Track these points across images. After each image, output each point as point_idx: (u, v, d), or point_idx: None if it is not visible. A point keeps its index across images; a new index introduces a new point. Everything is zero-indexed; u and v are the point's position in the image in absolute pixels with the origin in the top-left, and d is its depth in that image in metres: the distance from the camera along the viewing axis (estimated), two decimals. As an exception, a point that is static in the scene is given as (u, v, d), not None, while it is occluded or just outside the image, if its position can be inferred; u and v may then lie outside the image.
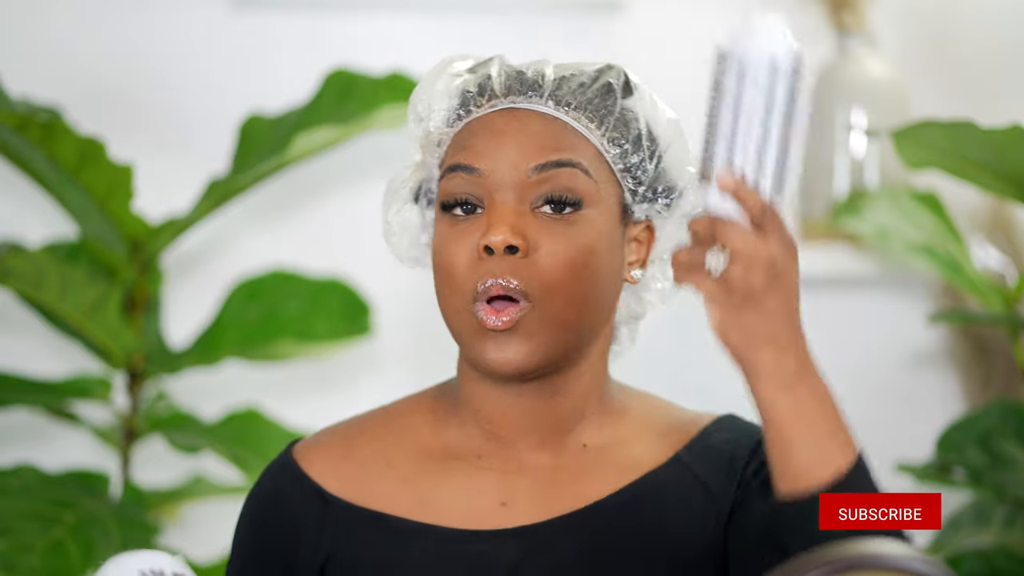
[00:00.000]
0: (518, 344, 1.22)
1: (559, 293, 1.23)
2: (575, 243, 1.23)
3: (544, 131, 1.25)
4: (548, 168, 1.24)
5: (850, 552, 1.67)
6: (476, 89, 1.27)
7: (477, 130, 1.26)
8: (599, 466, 1.29)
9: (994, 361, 2.52)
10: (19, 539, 1.90)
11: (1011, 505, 2.13)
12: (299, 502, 1.29)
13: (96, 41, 2.51)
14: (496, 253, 1.21)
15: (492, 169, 1.23)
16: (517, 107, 1.26)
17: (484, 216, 1.23)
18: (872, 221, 2.31)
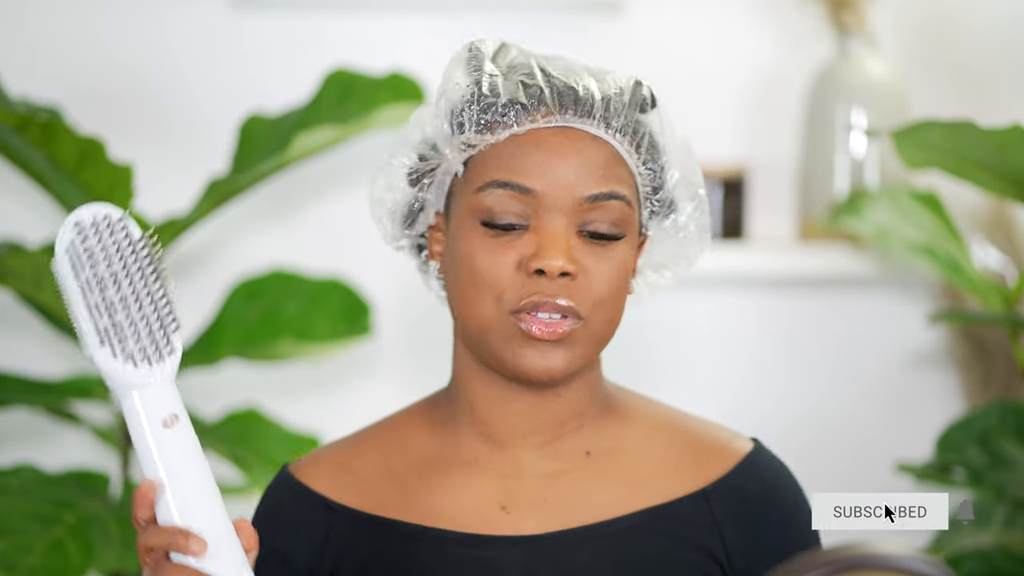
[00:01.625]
0: (562, 354, 1.25)
1: (603, 311, 1.26)
2: (615, 266, 1.26)
3: (597, 157, 1.25)
4: (601, 199, 1.25)
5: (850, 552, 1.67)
6: (528, 99, 1.25)
7: (528, 147, 1.24)
8: (607, 478, 1.29)
9: (994, 361, 2.52)
10: (19, 539, 1.90)
11: (1011, 505, 2.13)
12: (304, 513, 1.30)
13: (96, 41, 2.51)
14: (549, 276, 1.23)
15: (545, 191, 1.24)
16: (570, 126, 1.25)
17: (531, 235, 1.24)
18: (872, 221, 2.31)
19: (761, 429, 2.57)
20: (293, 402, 2.45)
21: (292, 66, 2.50)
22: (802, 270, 2.53)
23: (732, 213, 2.52)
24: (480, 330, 1.25)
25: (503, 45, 1.28)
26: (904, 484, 2.35)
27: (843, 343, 2.62)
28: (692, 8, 2.59)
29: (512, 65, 1.27)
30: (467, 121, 1.25)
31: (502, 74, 1.26)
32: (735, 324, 2.61)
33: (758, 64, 2.61)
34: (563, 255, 1.23)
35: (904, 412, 2.61)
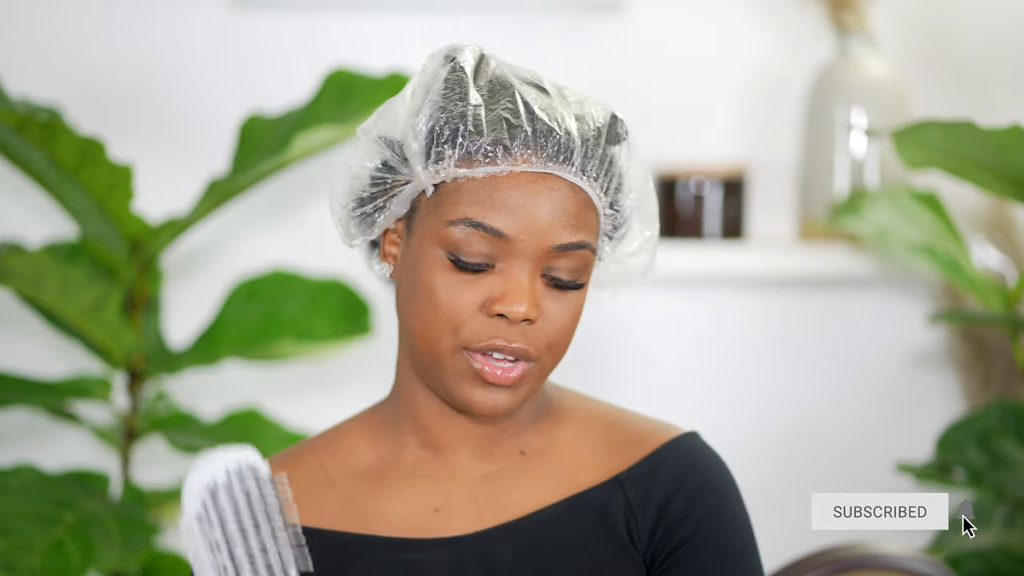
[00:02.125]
0: (509, 395, 1.26)
1: (553, 351, 1.27)
2: (571, 312, 1.26)
3: (572, 206, 1.25)
4: (570, 248, 1.25)
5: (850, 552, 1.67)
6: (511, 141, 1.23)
7: (506, 189, 1.23)
8: (535, 474, 1.31)
9: (994, 361, 2.52)
10: (19, 539, 1.90)
11: (1011, 505, 2.13)
12: None
13: (96, 41, 2.51)
14: (510, 320, 1.23)
15: (517, 237, 1.23)
16: (555, 173, 1.24)
17: (496, 277, 1.24)
18: (872, 221, 2.31)
19: (761, 429, 2.58)
20: (293, 402, 2.45)
21: (292, 66, 2.50)
22: (802, 270, 2.53)
23: (732, 213, 2.52)
24: (432, 359, 1.26)
25: (483, 59, 1.27)
26: (904, 484, 2.35)
27: (843, 343, 2.62)
28: (692, 8, 2.59)
29: (493, 90, 1.25)
30: (446, 153, 1.24)
31: (485, 104, 1.24)
32: (735, 324, 2.61)
33: (758, 64, 2.61)
34: (527, 302, 1.23)
35: (904, 412, 2.61)
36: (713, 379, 2.60)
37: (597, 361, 2.57)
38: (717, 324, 2.61)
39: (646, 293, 2.58)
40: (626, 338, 2.59)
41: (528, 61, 1.37)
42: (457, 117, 1.24)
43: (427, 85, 1.28)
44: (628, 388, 2.54)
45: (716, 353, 2.62)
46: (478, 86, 1.25)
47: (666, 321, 2.60)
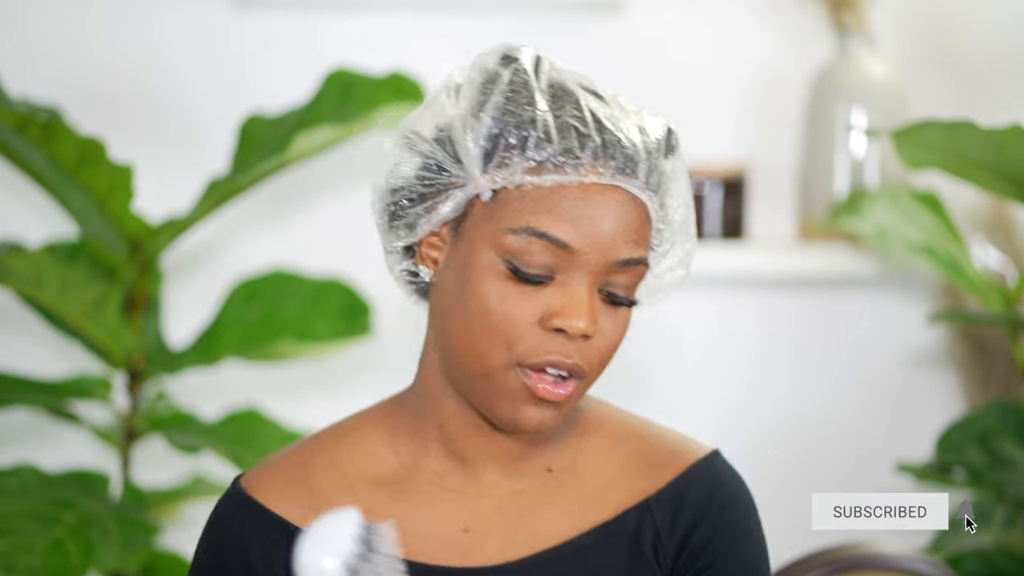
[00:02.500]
0: (556, 412, 1.22)
1: (602, 366, 1.25)
2: (621, 328, 1.25)
3: (635, 220, 1.22)
4: (631, 264, 1.23)
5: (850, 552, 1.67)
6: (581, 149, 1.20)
7: (574, 200, 1.20)
8: (564, 494, 1.28)
9: (994, 361, 2.52)
10: (19, 539, 1.90)
11: (1011, 505, 2.13)
12: (262, 536, 1.27)
13: (96, 41, 2.51)
14: (569, 335, 1.21)
15: (582, 250, 1.20)
16: (622, 186, 1.21)
17: (556, 289, 1.20)
18: (872, 221, 2.31)
19: (761, 429, 2.58)
20: (293, 402, 2.44)
21: (292, 66, 2.50)
22: (802, 270, 2.53)
23: (732, 213, 2.52)
24: (481, 374, 1.22)
25: (540, 61, 1.23)
26: (904, 484, 2.35)
27: (843, 343, 2.62)
28: (692, 8, 2.59)
29: (556, 95, 1.21)
30: (514, 160, 1.20)
31: (552, 112, 1.20)
32: (735, 324, 2.61)
33: (758, 64, 2.61)
34: (588, 318, 1.20)
35: (904, 412, 2.61)
36: (713, 379, 2.60)
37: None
38: (717, 324, 2.61)
39: (646, 293, 2.58)
40: (625, 338, 2.59)
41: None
42: (527, 123, 1.20)
43: (482, 86, 1.22)
44: (627, 388, 2.54)
45: (716, 353, 2.62)
46: (542, 90, 1.21)
47: (666, 321, 2.60)
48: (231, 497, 1.29)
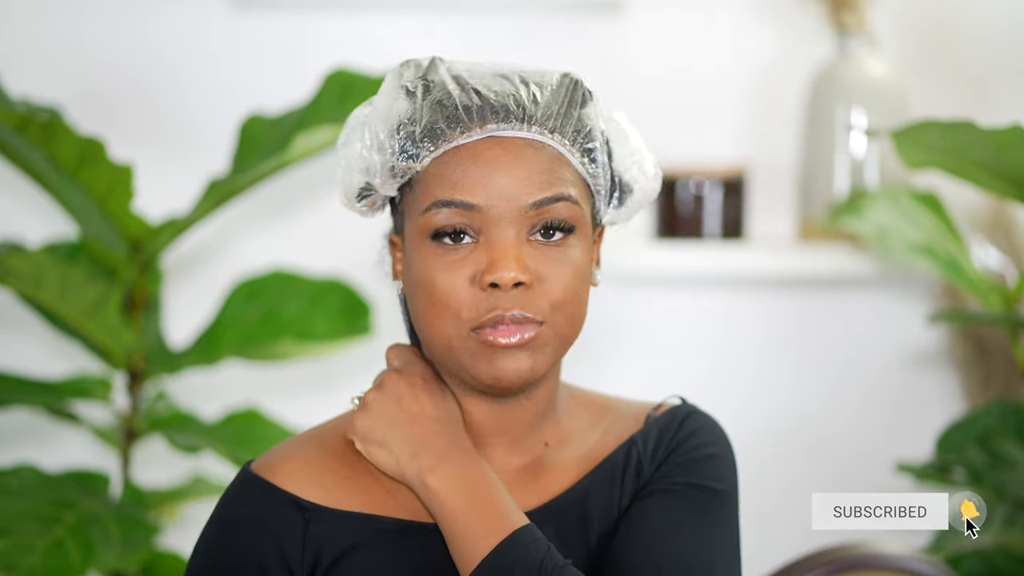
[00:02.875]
0: (529, 356, 1.26)
1: (563, 311, 1.27)
2: (570, 267, 1.27)
3: (537, 163, 1.26)
4: (546, 203, 1.26)
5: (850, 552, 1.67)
6: (445, 120, 1.26)
7: (466, 163, 1.26)
8: (561, 458, 1.35)
9: (994, 361, 2.52)
10: (19, 539, 1.89)
11: (1011, 505, 2.13)
12: (275, 515, 1.29)
13: (96, 41, 2.51)
14: (503, 288, 1.24)
15: (489, 205, 1.25)
16: (503, 135, 1.26)
17: (481, 249, 1.25)
18: (872, 221, 2.31)
19: (761, 429, 2.58)
20: (293, 402, 2.44)
21: (292, 66, 2.50)
22: (802, 270, 2.53)
23: (732, 213, 2.52)
24: (446, 348, 1.27)
25: (431, 63, 1.29)
26: (904, 484, 2.35)
27: (843, 343, 2.62)
28: (692, 8, 2.59)
29: (430, 85, 1.28)
30: (391, 151, 1.27)
31: (420, 96, 1.27)
32: (735, 324, 2.61)
33: (758, 64, 2.61)
34: (515, 265, 1.24)
35: (904, 412, 2.61)
36: (713, 379, 2.60)
37: (595, 361, 2.57)
38: (717, 324, 2.61)
39: (645, 293, 2.58)
40: (624, 338, 2.59)
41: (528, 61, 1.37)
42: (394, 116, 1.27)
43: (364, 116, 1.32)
44: (625, 388, 2.53)
45: (716, 353, 2.62)
46: (417, 84, 1.28)
47: (666, 321, 2.60)
48: (242, 480, 1.32)
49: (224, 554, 1.29)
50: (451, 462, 1.28)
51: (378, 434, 1.30)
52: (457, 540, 1.26)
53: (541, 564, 1.24)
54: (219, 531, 1.31)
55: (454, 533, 1.26)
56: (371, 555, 1.28)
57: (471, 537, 1.25)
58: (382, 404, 1.31)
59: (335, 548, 1.28)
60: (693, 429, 1.36)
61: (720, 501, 1.33)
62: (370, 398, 1.32)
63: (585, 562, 1.31)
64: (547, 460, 1.34)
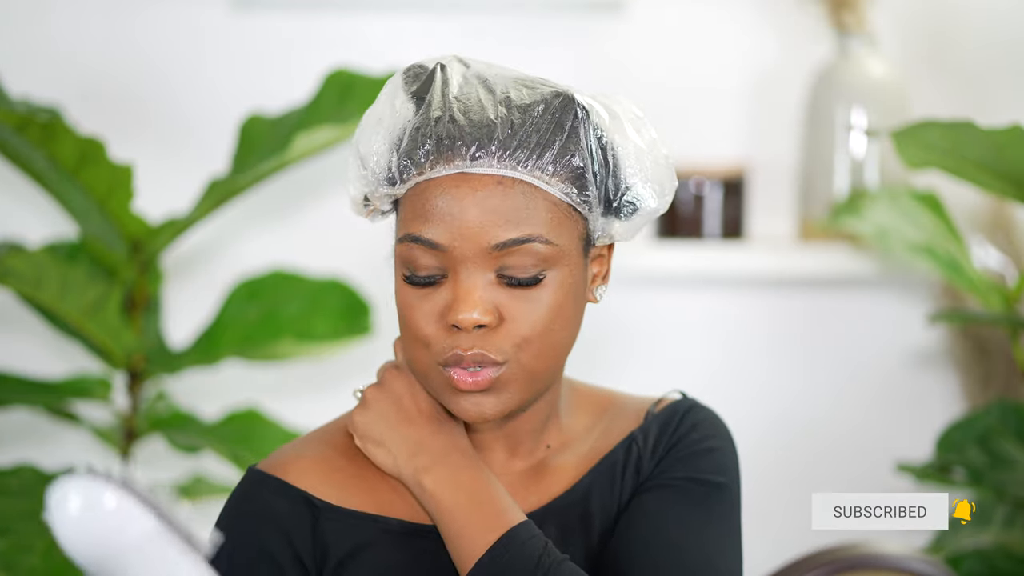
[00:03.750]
0: (493, 400, 1.25)
1: (529, 351, 1.25)
2: (543, 307, 1.24)
3: (502, 204, 1.22)
4: (511, 245, 1.22)
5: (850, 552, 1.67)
6: (423, 152, 1.23)
7: (433, 198, 1.23)
8: (563, 459, 1.35)
9: (994, 361, 2.52)
10: (19, 539, 1.90)
11: (1011, 505, 2.13)
12: (290, 510, 1.29)
13: (96, 41, 2.51)
14: (464, 329, 1.23)
15: (452, 245, 1.22)
16: (473, 171, 1.23)
17: (449, 287, 1.24)
18: (872, 221, 2.31)
19: (761, 429, 2.58)
20: (293, 402, 2.44)
21: (292, 66, 2.50)
22: (802, 270, 2.53)
23: (732, 213, 2.52)
24: (421, 376, 1.28)
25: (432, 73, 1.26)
26: (904, 484, 2.35)
27: (843, 343, 2.62)
28: (692, 8, 2.59)
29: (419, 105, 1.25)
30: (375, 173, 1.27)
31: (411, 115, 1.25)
32: (735, 324, 2.61)
33: (758, 64, 2.61)
34: (476, 308, 1.22)
35: (904, 412, 2.61)
36: (712, 379, 2.60)
37: (594, 360, 2.57)
38: (717, 324, 2.61)
39: (645, 293, 2.58)
40: (624, 337, 2.59)
41: (528, 61, 1.37)
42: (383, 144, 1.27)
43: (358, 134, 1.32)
44: (624, 388, 2.53)
45: (716, 353, 2.62)
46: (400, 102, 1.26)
47: (665, 321, 2.60)
48: (251, 480, 1.31)
49: (235, 552, 1.29)
50: (447, 463, 1.28)
51: (376, 433, 1.31)
52: (454, 539, 1.26)
53: (539, 560, 1.24)
54: (229, 529, 1.30)
55: (451, 532, 1.26)
56: (378, 556, 1.28)
57: (468, 536, 1.25)
58: (381, 403, 1.32)
59: (343, 548, 1.28)
60: (694, 423, 1.36)
61: (721, 495, 1.33)
62: (370, 395, 1.33)
63: (587, 560, 1.31)
64: (549, 462, 1.34)
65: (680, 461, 1.33)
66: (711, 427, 1.36)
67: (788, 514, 2.48)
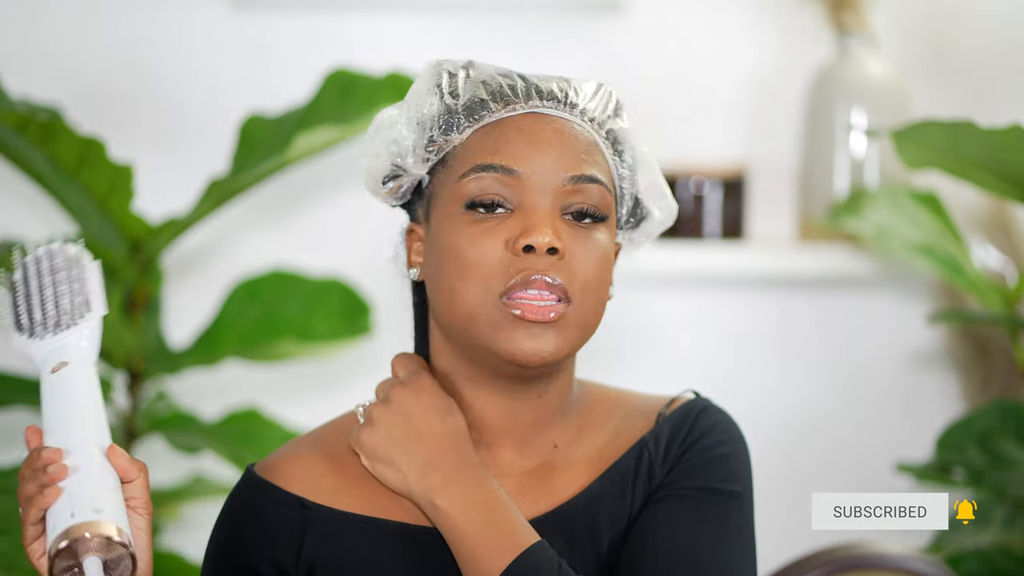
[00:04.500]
0: (553, 336, 1.25)
1: (590, 295, 1.27)
2: (599, 250, 1.28)
3: (578, 143, 1.28)
4: (583, 181, 1.27)
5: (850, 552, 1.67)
6: (490, 95, 1.28)
7: (510, 132, 1.27)
8: (570, 460, 1.34)
9: (994, 361, 2.52)
10: (19, 539, 1.89)
11: (1011, 505, 2.13)
12: (278, 513, 1.29)
13: (96, 41, 2.51)
14: (537, 252, 1.24)
15: (531, 172, 1.26)
16: (547, 112, 1.28)
17: (517, 216, 1.25)
18: (872, 221, 2.31)
19: (761, 429, 2.58)
20: (293, 402, 2.44)
21: (292, 66, 2.50)
22: (802, 270, 2.53)
23: (732, 213, 2.52)
24: (467, 318, 1.26)
25: (470, 61, 1.31)
26: (904, 484, 2.35)
27: (843, 343, 2.62)
28: (692, 8, 2.59)
29: (470, 70, 1.29)
30: (430, 126, 1.28)
31: (462, 79, 1.28)
32: (735, 324, 2.61)
33: (758, 64, 2.61)
34: (551, 231, 1.24)
35: (904, 412, 2.61)
36: (712, 379, 2.60)
37: (594, 360, 2.57)
38: (717, 325, 2.61)
39: (645, 293, 2.58)
40: (624, 337, 2.59)
41: (528, 61, 1.38)
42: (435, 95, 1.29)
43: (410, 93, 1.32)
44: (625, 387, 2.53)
45: (716, 353, 2.62)
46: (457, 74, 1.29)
47: (665, 321, 2.60)
48: (245, 482, 1.32)
49: (225, 553, 1.30)
50: (460, 482, 1.27)
51: (385, 452, 1.29)
52: (469, 561, 1.25)
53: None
54: (221, 531, 1.32)
55: (465, 553, 1.25)
56: (372, 557, 1.28)
57: (483, 557, 1.24)
58: (389, 421, 1.30)
59: (336, 549, 1.28)
60: (706, 428, 1.35)
61: (736, 504, 1.32)
62: (377, 414, 1.31)
63: (596, 570, 1.30)
64: (556, 462, 1.33)
65: (693, 469, 1.32)
66: (723, 431, 1.35)
67: (788, 514, 2.48)
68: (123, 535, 1.16)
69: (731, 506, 1.32)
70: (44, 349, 1.31)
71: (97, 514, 1.16)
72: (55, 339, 1.30)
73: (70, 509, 1.17)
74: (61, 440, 1.22)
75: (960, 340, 2.55)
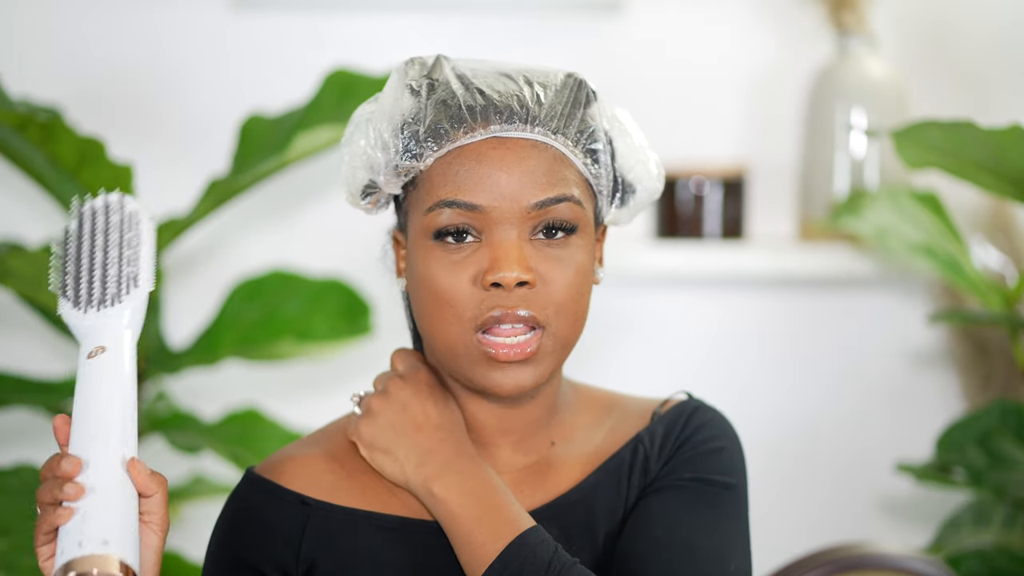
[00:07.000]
0: (531, 371, 1.27)
1: (566, 314, 1.27)
2: (572, 267, 1.27)
3: (539, 164, 1.26)
4: (548, 204, 1.26)
5: (850, 552, 1.67)
6: (449, 120, 1.26)
7: (470, 163, 1.26)
8: (567, 456, 1.35)
9: (994, 361, 2.52)
10: (19, 539, 1.90)
11: (1011, 505, 2.13)
12: (278, 511, 1.30)
13: (96, 41, 2.51)
14: (506, 288, 1.24)
15: (491, 205, 1.25)
16: (506, 135, 1.26)
17: (484, 248, 1.25)
18: (872, 221, 2.31)
19: (761, 429, 2.58)
20: (293, 402, 2.45)
21: (292, 66, 2.50)
22: (802, 270, 2.53)
23: (732, 213, 2.52)
24: (448, 351, 1.27)
25: (436, 61, 1.29)
26: (904, 484, 2.35)
27: (843, 343, 2.62)
28: (692, 8, 2.59)
29: (434, 84, 1.28)
30: (394, 149, 1.28)
31: (425, 95, 1.27)
32: (735, 324, 2.61)
33: (758, 64, 2.61)
34: (517, 265, 1.24)
35: (904, 412, 2.61)
36: (712, 379, 2.60)
37: (594, 360, 2.57)
38: (717, 324, 2.61)
39: (645, 293, 2.58)
40: (624, 338, 2.59)
41: (529, 61, 1.37)
42: (397, 114, 1.28)
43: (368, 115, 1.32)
44: (624, 388, 2.53)
45: (715, 353, 2.62)
46: (422, 84, 1.28)
47: (665, 321, 2.60)
48: (246, 482, 1.33)
49: (226, 551, 1.31)
50: (456, 470, 1.28)
51: (383, 442, 1.31)
52: (465, 546, 1.26)
53: (549, 564, 1.24)
54: (222, 529, 1.32)
55: (461, 539, 1.26)
56: (373, 552, 1.28)
57: (478, 542, 1.25)
58: (388, 412, 1.31)
59: (338, 544, 1.29)
60: (700, 424, 1.36)
61: (730, 495, 1.33)
62: (376, 405, 1.32)
63: (592, 561, 1.31)
64: (553, 459, 1.35)
65: (688, 462, 1.34)
66: (717, 427, 1.37)
67: (788, 514, 2.48)
68: (128, 572, 1.16)
69: (726, 497, 1.33)
70: (85, 323, 1.25)
71: (105, 546, 1.15)
72: (97, 316, 1.25)
73: (80, 537, 1.15)
74: (83, 448, 1.20)
75: (960, 340, 2.55)
